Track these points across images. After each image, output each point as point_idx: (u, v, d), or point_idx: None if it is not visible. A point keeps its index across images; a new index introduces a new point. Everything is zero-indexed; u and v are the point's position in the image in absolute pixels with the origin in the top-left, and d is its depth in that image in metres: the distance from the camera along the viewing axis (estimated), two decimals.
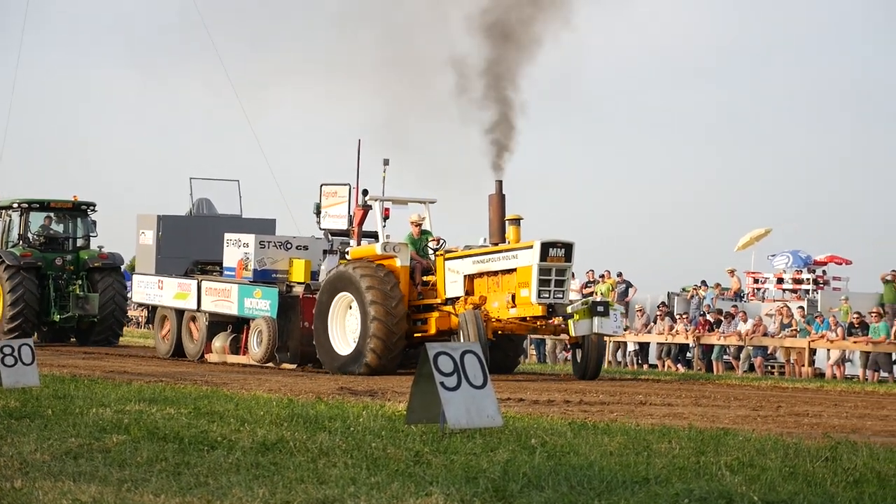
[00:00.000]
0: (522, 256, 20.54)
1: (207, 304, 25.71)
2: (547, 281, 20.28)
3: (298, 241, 25.34)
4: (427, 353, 10.74)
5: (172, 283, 26.77)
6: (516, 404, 14.87)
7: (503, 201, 21.48)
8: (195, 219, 28.74)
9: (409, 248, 22.03)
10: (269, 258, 24.93)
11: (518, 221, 21.25)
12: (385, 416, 12.14)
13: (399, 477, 8.29)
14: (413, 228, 22.56)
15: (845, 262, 36.33)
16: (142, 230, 28.42)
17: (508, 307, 20.63)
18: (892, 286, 29.80)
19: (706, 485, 8.03)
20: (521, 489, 7.90)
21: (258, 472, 8.49)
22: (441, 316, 21.49)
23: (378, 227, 22.66)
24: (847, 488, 8.13)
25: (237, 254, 25.24)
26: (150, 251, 28.18)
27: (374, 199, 22.81)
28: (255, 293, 24.47)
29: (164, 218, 28.28)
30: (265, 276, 24.83)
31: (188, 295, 26.15)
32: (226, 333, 25.61)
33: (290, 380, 19.85)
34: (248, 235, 25.33)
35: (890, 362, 25.76)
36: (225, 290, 25.32)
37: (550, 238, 20.41)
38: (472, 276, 21.34)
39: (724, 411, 14.53)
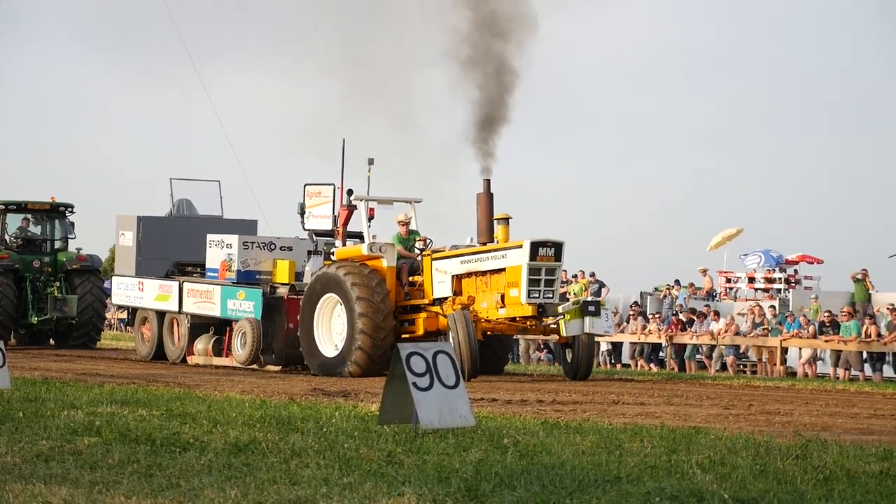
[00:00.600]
0: (512, 256, 20.33)
1: (189, 306, 25.38)
2: (537, 281, 20.07)
3: (282, 241, 25.02)
4: (399, 354, 10.75)
5: (153, 284, 26.45)
6: (489, 404, 14.88)
7: (491, 200, 21.26)
8: (175, 220, 28.33)
9: (397, 246, 21.78)
10: (253, 259, 24.67)
11: (507, 221, 21.04)
12: (358, 416, 12.14)
13: (371, 477, 8.29)
14: (400, 228, 22.29)
15: (817, 262, 36.51)
16: (121, 231, 28.03)
17: (497, 307, 20.43)
18: (863, 285, 29.99)
19: (677, 483, 8.07)
20: (493, 489, 7.91)
21: (230, 474, 8.48)
22: (429, 316, 21.29)
23: (363, 227, 22.40)
24: (817, 486, 8.18)
25: (220, 255, 24.95)
26: (129, 252, 27.81)
27: (359, 199, 22.53)
28: (239, 294, 24.19)
29: (145, 219, 27.89)
30: (249, 278, 24.55)
31: (169, 296, 25.83)
32: (208, 335, 25.29)
33: (263, 381, 19.80)
34: (232, 236, 25.05)
35: (860, 361, 25.92)
36: (207, 292, 25.00)
37: (540, 237, 20.21)
38: (460, 276, 21.13)
39: (697, 410, 14.59)
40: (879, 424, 12.97)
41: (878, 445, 10.12)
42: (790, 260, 35.81)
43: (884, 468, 8.79)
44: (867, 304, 29.19)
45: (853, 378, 25.51)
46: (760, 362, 27.65)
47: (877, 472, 8.64)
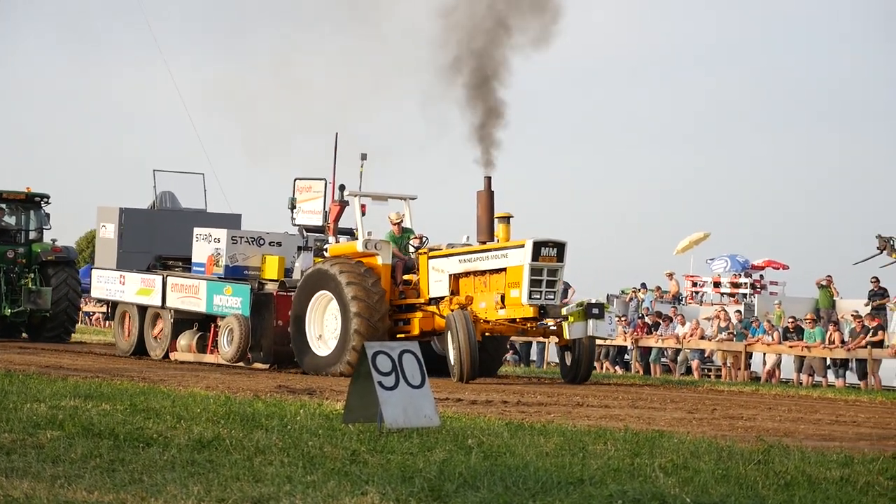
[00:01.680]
0: (513, 255, 19.92)
1: (173, 301, 24.79)
2: (538, 281, 19.69)
3: (271, 237, 24.45)
4: (365, 352, 10.75)
5: (135, 278, 25.86)
6: (454, 404, 14.90)
7: (492, 198, 20.82)
8: (158, 212, 27.61)
9: (391, 245, 21.36)
10: (241, 254, 24.08)
11: (508, 219, 20.58)
12: (322, 414, 12.12)
13: (335, 476, 8.28)
14: (392, 227, 21.85)
15: (782, 267, 36.73)
16: (102, 223, 27.37)
17: (497, 308, 20.01)
18: (828, 292, 30.20)
19: (640, 486, 8.10)
20: (456, 489, 7.92)
21: (193, 470, 8.45)
22: (425, 316, 20.87)
23: (357, 223, 21.95)
24: (778, 491, 8.23)
25: (207, 249, 24.31)
26: (111, 245, 27.04)
27: (353, 195, 22.09)
28: (226, 290, 23.60)
29: (127, 211, 27.19)
30: (236, 273, 23.97)
31: (152, 291, 25.28)
32: (192, 331, 24.72)
33: (229, 377, 19.75)
34: (220, 230, 24.39)
35: (824, 367, 26.09)
36: (192, 287, 24.45)
37: (543, 237, 19.84)
38: (458, 275, 20.73)
39: (661, 413, 14.65)
40: (841, 431, 13.06)
41: (839, 452, 10.20)
42: (756, 265, 35.99)
43: (844, 474, 8.86)
44: (831, 311, 29.40)
45: (816, 384, 25.68)
46: (725, 367, 27.79)
47: (837, 479, 8.71)
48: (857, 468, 9.20)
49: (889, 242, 36.29)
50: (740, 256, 35.90)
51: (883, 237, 36.42)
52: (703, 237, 38.06)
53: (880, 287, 29.44)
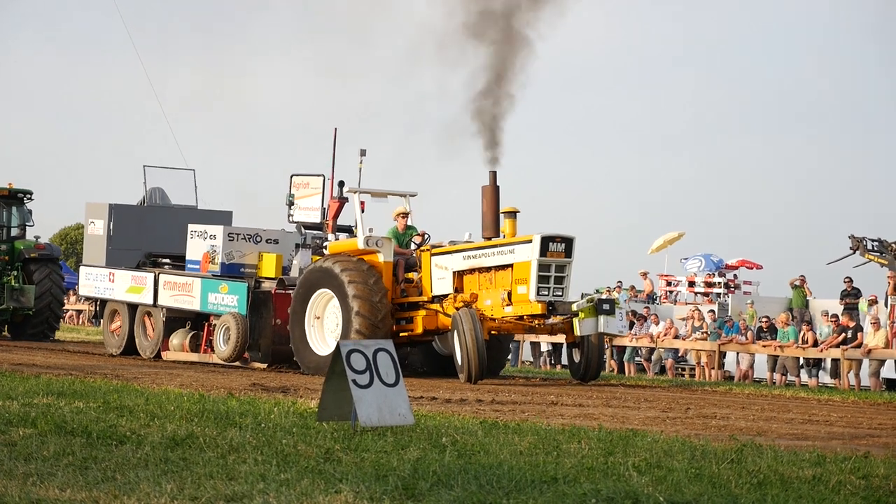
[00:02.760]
0: (520, 251, 19.52)
1: (165, 299, 24.28)
2: (546, 277, 19.30)
3: (268, 234, 23.90)
4: (340, 351, 10.73)
5: (125, 275, 25.33)
6: (429, 402, 14.90)
7: (497, 193, 20.35)
8: (148, 209, 27.02)
9: (393, 242, 20.89)
10: (238, 251, 23.51)
11: (514, 215, 20.15)
12: (297, 412, 12.11)
13: (309, 474, 8.27)
14: (399, 221, 21.38)
15: (756, 267, 36.90)
16: (91, 220, 26.69)
17: (504, 305, 19.56)
18: (801, 292, 30.34)
19: (613, 485, 8.12)
20: (430, 487, 7.92)
21: (167, 468, 8.42)
22: (428, 314, 20.41)
23: (358, 220, 21.39)
24: (751, 490, 8.26)
25: (202, 246, 23.74)
26: (99, 242, 26.41)
27: (353, 192, 21.64)
28: (221, 288, 23.11)
29: (116, 207, 26.60)
30: (232, 271, 23.45)
31: (143, 289, 24.77)
32: (184, 330, 24.26)
33: (203, 375, 19.69)
34: (216, 227, 23.88)
35: (797, 366, 26.22)
36: (186, 285, 23.92)
37: (551, 232, 19.46)
38: (463, 272, 20.30)
39: (634, 412, 14.68)
40: (814, 430, 13.12)
41: (811, 451, 10.24)
42: (730, 265, 36.14)
43: (816, 473, 8.90)
44: (804, 311, 29.55)
45: (789, 383, 25.80)
46: (699, 366, 27.88)
47: (809, 478, 8.75)
48: (829, 467, 9.25)
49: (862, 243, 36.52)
50: (714, 256, 36.05)
51: (856, 237, 36.65)
52: (677, 237, 38.18)
53: (853, 287, 29.61)
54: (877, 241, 36.35)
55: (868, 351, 24.70)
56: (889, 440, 12.10)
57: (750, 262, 36.84)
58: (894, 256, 35.64)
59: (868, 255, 36.41)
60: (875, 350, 24.65)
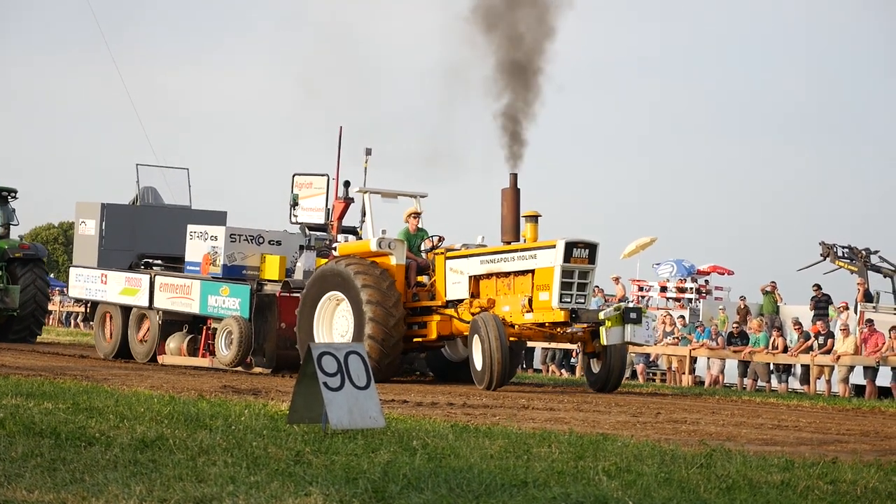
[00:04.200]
0: (542, 257, 18.95)
1: (162, 302, 23.67)
2: (569, 284, 18.74)
3: (270, 235, 23.26)
4: (311, 353, 10.72)
5: (119, 277, 24.66)
6: (400, 406, 14.90)
7: (518, 196, 19.74)
8: (141, 208, 26.26)
9: (406, 245, 20.28)
10: (240, 253, 22.87)
11: (536, 219, 19.57)
12: (267, 415, 12.08)
13: (279, 476, 8.26)
14: (410, 222, 20.72)
15: (727, 273, 37.10)
16: (82, 219, 25.96)
17: (524, 312, 18.99)
18: (772, 297, 30.50)
19: (583, 489, 8.14)
20: (400, 490, 7.92)
21: (136, 470, 8.39)
22: (442, 320, 19.87)
23: (369, 221, 20.87)
24: (720, 495, 8.30)
25: (203, 247, 23.07)
26: (90, 242, 25.67)
27: (362, 192, 21.10)
28: (222, 290, 22.48)
29: (109, 207, 25.86)
30: (234, 273, 22.81)
31: (138, 291, 24.18)
32: (182, 333, 23.65)
33: (174, 377, 19.64)
34: (218, 227, 23.23)
35: (767, 372, 26.35)
36: (184, 287, 23.31)
37: (575, 237, 18.94)
38: (479, 276, 19.72)
39: (605, 417, 14.72)
40: (783, 435, 13.19)
41: (780, 456, 10.29)
42: (702, 270, 36.33)
43: (785, 478, 8.94)
44: (775, 317, 29.70)
45: (760, 389, 25.93)
46: (670, 371, 27.99)
47: (778, 483, 8.79)
48: (797, 472, 9.29)
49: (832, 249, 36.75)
50: (686, 261, 36.23)
51: (826, 244, 36.89)
52: (649, 242, 38.34)
53: (823, 293, 29.80)
54: (847, 248, 36.62)
55: (837, 357, 24.85)
56: (857, 446, 12.17)
57: (721, 268, 37.04)
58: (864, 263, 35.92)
59: (838, 261, 36.67)
60: (844, 356, 24.80)
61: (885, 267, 36.26)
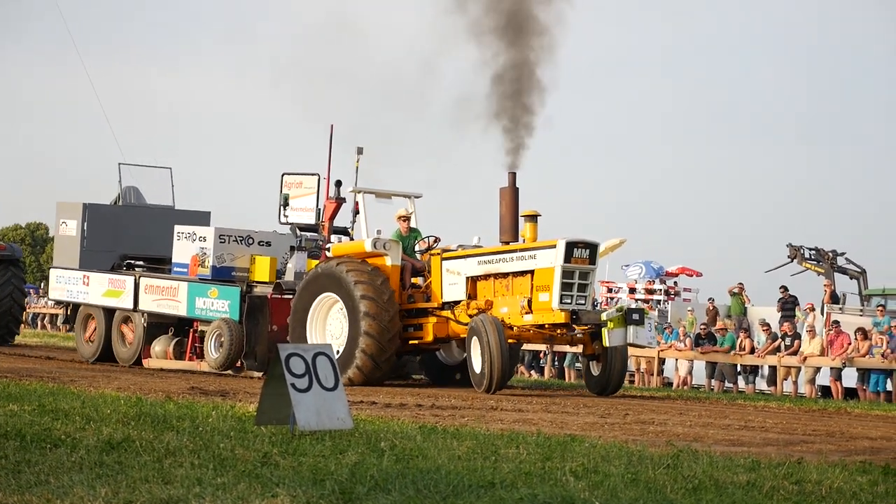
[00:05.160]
0: (542, 257, 18.66)
1: (147, 304, 23.30)
2: (569, 285, 18.47)
3: (260, 235, 22.92)
4: (279, 354, 10.70)
5: (102, 278, 24.28)
6: (368, 407, 14.88)
7: (517, 196, 19.40)
8: (124, 208, 25.77)
9: (400, 245, 20.02)
10: (229, 254, 22.50)
11: (535, 218, 19.25)
12: (235, 416, 12.04)
13: (246, 478, 8.24)
14: (401, 224, 20.43)
15: (696, 274, 37.27)
16: (63, 220, 25.44)
17: (523, 313, 18.72)
18: (739, 299, 30.64)
19: (550, 490, 8.16)
20: (367, 492, 7.91)
21: (101, 472, 8.35)
22: (439, 321, 19.61)
23: (363, 221, 20.62)
24: (686, 495, 8.33)
25: (191, 248, 22.70)
26: (72, 243, 25.17)
27: (356, 192, 20.78)
28: (211, 292, 22.16)
29: (90, 207, 25.38)
30: (224, 274, 22.44)
31: (122, 292, 23.78)
32: (167, 336, 23.34)
33: (141, 378, 19.54)
34: (207, 228, 22.89)
35: (735, 373, 26.47)
36: (171, 288, 22.94)
37: (575, 237, 18.64)
38: (477, 277, 19.41)
39: (573, 418, 14.74)
40: (749, 436, 13.25)
41: (746, 456, 10.34)
42: (670, 272, 36.50)
43: (751, 479, 8.99)
44: (742, 318, 29.85)
45: (727, 390, 26.04)
46: (638, 372, 28.07)
47: (744, 483, 8.83)
48: (763, 473, 9.34)
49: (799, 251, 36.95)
50: (655, 263, 36.39)
51: (793, 246, 37.11)
52: (618, 243, 38.39)
53: (790, 295, 29.97)
54: (814, 250, 36.87)
55: (804, 358, 24.99)
56: (822, 446, 12.25)
57: (690, 270, 37.21)
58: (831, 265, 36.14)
59: (805, 263, 36.89)
60: (811, 357, 24.94)
61: (851, 269, 36.53)
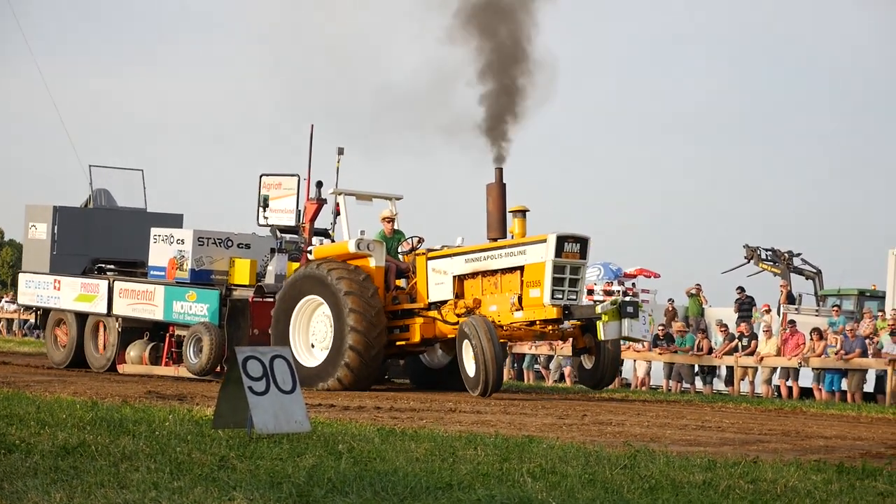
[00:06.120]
0: (532, 252, 18.39)
1: (122, 308, 22.82)
2: (561, 280, 18.19)
3: (239, 238, 22.57)
4: (236, 358, 10.66)
5: (74, 283, 23.79)
6: (326, 410, 14.87)
7: (504, 191, 19.12)
8: (95, 211, 25.22)
9: (384, 246, 19.78)
10: (208, 257, 22.13)
11: (524, 213, 18.94)
12: (192, 420, 11.99)
13: (203, 482, 8.20)
14: (385, 225, 20.20)
15: (654, 276, 37.40)
16: (32, 223, 24.94)
17: (513, 310, 18.48)
18: (697, 300, 30.83)
19: (508, 491, 8.18)
20: (325, 494, 7.90)
21: (57, 477, 8.28)
22: (426, 322, 19.34)
23: (344, 223, 20.25)
24: (643, 495, 8.37)
25: (168, 251, 22.29)
26: (42, 247, 24.70)
27: (337, 194, 20.49)
28: (189, 296, 21.76)
29: (61, 210, 24.87)
30: (202, 277, 22.04)
31: (95, 297, 23.28)
32: (143, 341, 22.85)
33: (98, 383, 19.42)
34: (185, 230, 22.49)
35: (692, 373, 26.62)
36: (146, 292, 22.49)
37: (566, 231, 18.42)
38: (464, 276, 19.19)
39: (531, 419, 14.78)
40: (706, 436, 13.33)
41: (703, 456, 10.41)
42: (628, 273, 36.59)
43: (707, 478, 9.04)
44: (700, 319, 30.03)
45: (685, 390, 26.18)
46: None
47: (700, 483, 8.88)
48: (719, 472, 9.40)
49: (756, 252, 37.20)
50: (613, 264, 36.46)
51: (750, 247, 37.37)
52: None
53: (747, 296, 30.18)
54: (770, 251, 37.15)
55: (760, 359, 25.16)
56: (778, 445, 12.35)
57: (648, 271, 37.33)
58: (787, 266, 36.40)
59: (762, 264, 37.16)
60: (767, 357, 25.12)
61: (807, 269, 36.84)
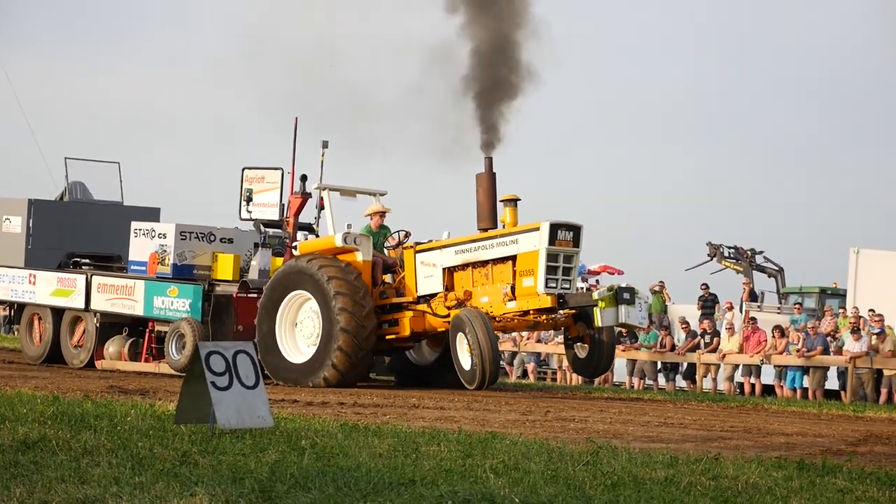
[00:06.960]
0: (525, 241, 18.22)
1: (100, 303, 22.46)
2: (554, 268, 18.03)
3: (222, 232, 22.15)
4: (199, 352, 10.62)
5: (50, 277, 23.40)
6: (290, 405, 14.84)
7: (494, 181, 18.93)
8: (70, 205, 24.65)
9: (371, 240, 19.54)
10: (190, 251, 21.74)
11: (515, 202, 18.74)
12: (154, 415, 11.93)
13: (164, 477, 8.17)
14: (373, 220, 20.02)
15: (618, 273, 37.52)
16: (6, 216, 24.40)
17: (506, 301, 18.28)
18: (660, 297, 30.94)
19: (470, 486, 8.19)
20: (287, 490, 7.89)
21: (17, 471, 8.23)
22: (415, 316, 19.14)
23: (328, 217, 20.04)
24: (605, 491, 8.41)
25: (149, 245, 21.93)
26: (17, 240, 24.17)
27: (322, 189, 20.30)
28: (170, 291, 21.45)
29: (36, 203, 24.35)
30: (185, 273, 21.70)
31: (72, 292, 22.93)
32: (122, 337, 22.49)
33: (59, 377, 19.30)
34: (167, 224, 22.13)
35: (655, 370, 26.74)
36: (126, 287, 22.12)
37: (559, 219, 18.23)
38: (454, 268, 19.01)
39: (495, 415, 14.81)
40: (668, 432, 13.40)
41: (665, 453, 10.46)
42: (592, 270, 36.69)
43: (669, 475, 9.09)
44: (663, 316, 30.14)
45: (648, 387, 26.29)
46: (560, 370, 28.23)
47: (662, 479, 8.93)
48: (681, 468, 9.46)
49: (719, 250, 37.38)
50: None
51: (713, 245, 37.55)
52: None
53: (710, 293, 30.32)
54: (733, 249, 37.35)
55: (723, 356, 25.30)
56: (739, 442, 12.42)
57: (611, 268, 37.45)
58: (749, 263, 36.62)
59: (725, 261, 37.36)
60: (729, 355, 25.26)
61: (769, 267, 37.07)
